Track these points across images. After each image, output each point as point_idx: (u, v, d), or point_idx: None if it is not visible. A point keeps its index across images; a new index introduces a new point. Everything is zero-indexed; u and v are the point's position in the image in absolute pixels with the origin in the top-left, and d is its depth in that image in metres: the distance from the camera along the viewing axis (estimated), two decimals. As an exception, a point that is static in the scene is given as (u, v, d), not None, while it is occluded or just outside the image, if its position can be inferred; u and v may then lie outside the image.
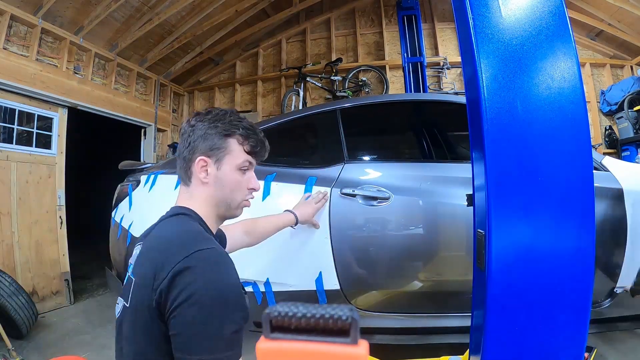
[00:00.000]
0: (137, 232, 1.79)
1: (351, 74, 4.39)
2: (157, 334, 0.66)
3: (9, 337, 2.09)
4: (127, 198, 1.95)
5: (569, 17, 0.82)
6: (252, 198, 0.92)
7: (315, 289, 1.53)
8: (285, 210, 1.41)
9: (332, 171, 1.63)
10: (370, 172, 1.67)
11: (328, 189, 1.55)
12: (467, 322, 1.06)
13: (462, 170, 1.53)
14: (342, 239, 1.53)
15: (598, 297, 1.50)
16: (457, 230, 1.51)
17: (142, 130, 4.55)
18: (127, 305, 0.72)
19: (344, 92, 4.30)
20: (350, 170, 1.63)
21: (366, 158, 2.07)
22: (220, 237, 1.05)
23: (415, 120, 2.30)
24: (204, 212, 0.84)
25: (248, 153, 0.86)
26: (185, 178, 0.86)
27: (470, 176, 0.99)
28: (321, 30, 4.89)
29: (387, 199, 1.53)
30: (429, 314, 1.58)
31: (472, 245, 0.97)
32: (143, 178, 1.93)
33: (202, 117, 0.85)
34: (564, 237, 0.78)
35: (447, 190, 1.57)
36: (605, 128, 4.08)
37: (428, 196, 1.57)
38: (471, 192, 0.99)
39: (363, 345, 0.23)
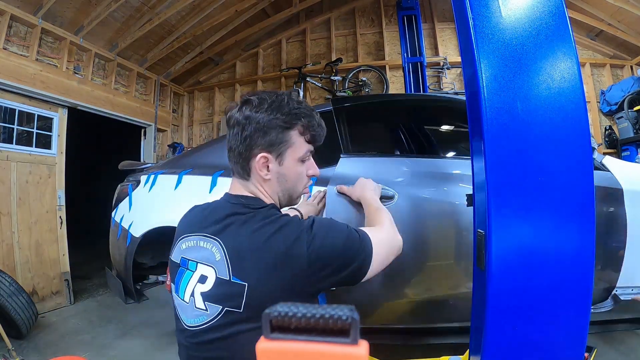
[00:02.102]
0: (137, 232, 1.79)
1: (351, 74, 4.39)
2: None
3: (9, 337, 2.09)
4: (127, 198, 1.95)
5: (569, 17, 0.82)
6: (311, 184, 0.93)
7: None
8: (291, 208, 1.36)
9: (330, 170, 1.62)
10: (368, 169, 1.63)
11: (326, 188, 1.52)
12: (467, 323, 1.06)
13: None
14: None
15: (597, 299, 1.50)
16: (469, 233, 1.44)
17: (142, 130, 4.55)
18: (241, 311, 0.69)
19: (344, 92, 4.31)
20: (347, 168, 1.60)
21: (363, 154, 2.06)
22: None
23: (414, 120, 2.30)
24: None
25: (309, 142, 0.85)
26: (242, 173, 0.82)
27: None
28: (321, 30, 4.89)
29: (391, 197, 1.46)
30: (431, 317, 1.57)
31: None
32: (143, 178, 1.92)
33: (257, 106, 0.79)
34: (564, 237, 0.78)
35: (456, 189, 1.53)
36: (605, 128, 4.08)
37: (436, 195, 1.51)
38: (471, 192, 0.99)
39: (363, 345, 0.23)
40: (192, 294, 0.75)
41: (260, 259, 0.71)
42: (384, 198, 1.44)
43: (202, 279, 0.74)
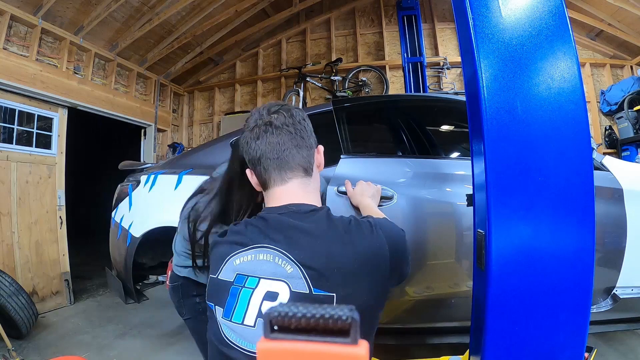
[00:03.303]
0: (137, 232, 1.79)
1: (351, 74, 4.39)
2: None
3: (9, 337, 2.09)
4: (127, 198, 1.95)
5: (569, 17, 0.82)
6: None
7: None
8: None
9: (330, 170, 1.61)
10: (368, 170, 1.64)
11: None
12: (467, 323, 1.06)
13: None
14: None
15: (597, 298, 1.50)
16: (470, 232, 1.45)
17: (142, 131, 4.55)
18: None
19: (344, 92, 4.30)
20: (346, 168, 1.60)
21: (363, 155, 2.07)
22: None
23: (415, 120, 2.30)
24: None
25: None
26: (308, 168, 0.81)
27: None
28: (321, 30, 4.89)
29: (390, 198, 1.46)
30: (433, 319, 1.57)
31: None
32: (143, 178, 1.93)
33: (298, 109, 0.85)
34: (564, 237, 0.78)
35: (456, 189, 1.53)
36: (605, 128, 4.08)
37: (435, 195, 1.52)
38: (471, 192, 0.99)
39: (363, 345, 0.23)
40: (260, 315, 0.66)
41: (346, 266, 0.68)
42: (384, 198, 1.44)
43: (271, 297, 0.66)
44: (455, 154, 2.10)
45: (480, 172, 0.85)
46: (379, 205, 1.38)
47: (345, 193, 1.41)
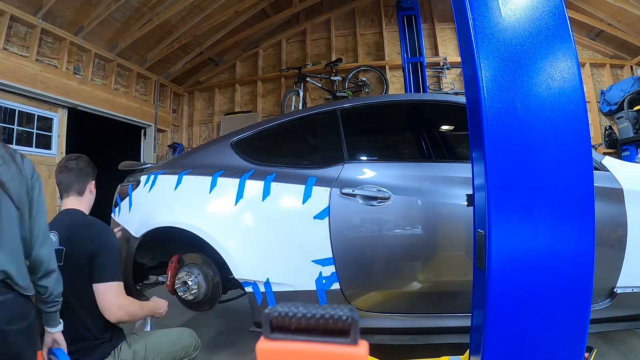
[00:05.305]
0: (137, 232, 1.79)
1: (351, 74, 4.39)
2: None
3: (9, 337, 2.09)
4: (127, 198, 1.95)
5: (569, 17, 0.82)
6: None
7: (315, 289, 1.53)
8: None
9: (332, 171, 1.63)
10: (370, 172, 1.67)
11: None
12: (467, 322, 1.06)
13: (463, 170, 1.53)
14: (342, 239, 1.53)
15: (597, 298, 1.50)
16: (457, 230, 1.51)
17: (142, 131, 4.55)
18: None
19: (344, 92, 4.31)
20: (350, 170, 1.63)
21: (366, 158, 2.07)
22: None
23: (415, 121, 2.30)
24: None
25: None
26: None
27: (470, 176, 0.99)
28: (321, 30, 4.90)
29: (387, 198, 1.53)
30: (429, 314, 1.59)
31: (471, 245, 0.97)
32: (143, 178, 1.92)
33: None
34: (564, 237, 0.78)
35: (447, 190, 1.57)
36: (605, 128, 4.08)
37: (428, 196, 1.57)
38: (471, 192, 0.99)
39: (363, 346, 0.23)
40: None
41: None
42: (381, 199, 1.53)
43: None
44: (457, 157, 2.11)
45: (481, 172, 0.85)
46: (377, 205, 1.47)
47: (349, 195, 1.50)
